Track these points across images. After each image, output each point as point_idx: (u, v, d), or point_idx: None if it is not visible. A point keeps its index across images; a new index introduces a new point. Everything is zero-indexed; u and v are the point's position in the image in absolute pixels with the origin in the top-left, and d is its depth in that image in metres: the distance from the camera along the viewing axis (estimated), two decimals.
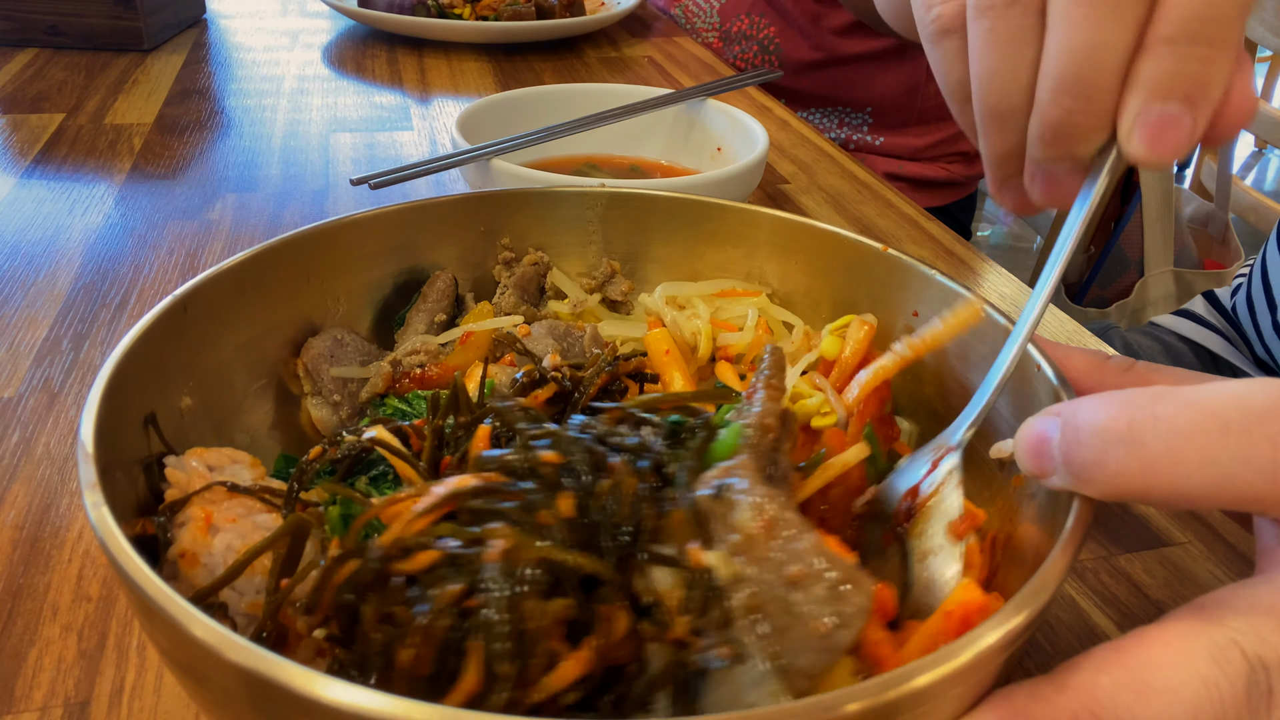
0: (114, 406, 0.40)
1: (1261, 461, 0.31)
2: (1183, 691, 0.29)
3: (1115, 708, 0.29)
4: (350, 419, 0.55)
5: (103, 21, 1.45)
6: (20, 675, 0.46)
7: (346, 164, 1.10)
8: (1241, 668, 0.30)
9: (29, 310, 0.77)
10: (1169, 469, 0.32)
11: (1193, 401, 0.32)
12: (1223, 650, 0.30)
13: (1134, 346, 1.14)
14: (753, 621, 0.33)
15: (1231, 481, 0.31)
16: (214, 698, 0.32)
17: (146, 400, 0.44)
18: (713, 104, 1.03)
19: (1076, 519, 0.35)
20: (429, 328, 0.59)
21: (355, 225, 0.58)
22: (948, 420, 0.53)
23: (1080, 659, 0.31)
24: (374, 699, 0.27)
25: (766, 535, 0.34)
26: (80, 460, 0.37)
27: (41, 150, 1.10)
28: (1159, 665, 0.30)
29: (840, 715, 0.27)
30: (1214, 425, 0.31)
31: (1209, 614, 0.31)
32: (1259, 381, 0.32)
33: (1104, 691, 0.30)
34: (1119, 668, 0.30)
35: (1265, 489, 0.31)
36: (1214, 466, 0.31)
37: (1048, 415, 0.36)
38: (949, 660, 0.29)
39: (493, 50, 1.57)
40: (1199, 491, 0.32)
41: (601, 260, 0.64)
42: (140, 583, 0.31)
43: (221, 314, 0.50)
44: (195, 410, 0.48)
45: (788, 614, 0.33)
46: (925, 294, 0.54)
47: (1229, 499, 0.32)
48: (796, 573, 0.33)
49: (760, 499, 0.35)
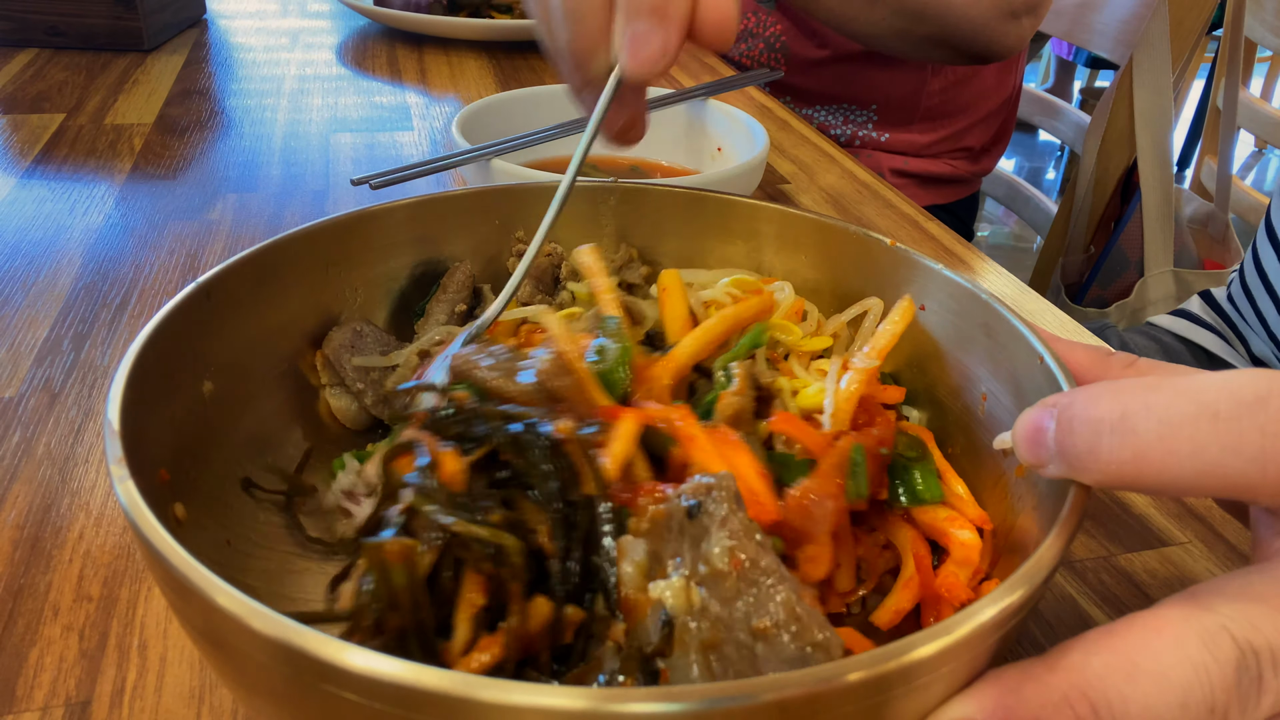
0: (139, 385, 0.41)
1: (1251, 450, 0.31)
2: (1172, 674, 0.29)
3: (1105, 688, 0.30)
4: (375, 405, 0.56)
5: (103, 22, 1.45)
6: (21, 675, 0.46)
7: (347, 164, 1.10)
8: (1232, 653, 0.30)
9: (29, 310, 0.77)
10: (1160, 457, 0.32)
11: (1184, 391, 0.32)
12: (1213, 635, 0.30)
13: (1131, 346, 1.14)
14: (708, 658, 0.33)
15: (1221, 469, 0.31)
16: (241, 669, 0.32)
17: (170, 383, 0.45)
18: (713, 104, 1.04)
19: (1071, 505, 0.36)
20: (450, 318, 0.60)
21: (373, 217, 0.58)
22: (951, 405, 0.53)
23: (1072, 641, 0.32)
24: (395, 666, 0.27)
25: (738, 577, 0.34)
26: (106, 437, 0.37)
27: (42, 150, 1.10)
28: (1149, 648, 0.30)
29: (837, 686, 0.28)
30: (1204, 414, 0.32)
31: (1201, 600, 0.32)
32: (1249, 372, 0.32)
33: (1094, 672, 0.30)
34: (1110, 650, 0.30)
35: (1255, 476, 0.31)
36: (1204, 454, 0.31)
37: (1044, 406, 0.36)
38: (945, 635, 0.29)
39: (493, 50, 1.57)
40: (1190, 479, 0.32)
41: (620, 246, 0.65)
42: (167, 554, 0.32)
43: (243, 302, 0.51)
44: (217, 395, 0.48)
45: (749, 664, 0.33)
46: (932, 289, 0.54)
47: (1220, 487, 0.32)
48: (764, 627, 0.33)
49: (737, 537, 0.35)
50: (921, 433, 0.52)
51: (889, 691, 0.29)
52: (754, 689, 0.27)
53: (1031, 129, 5.36)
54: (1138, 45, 1.54)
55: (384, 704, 0.28)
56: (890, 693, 0.29)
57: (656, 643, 0.32)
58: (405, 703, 0.28)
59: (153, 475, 0.41)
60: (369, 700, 0.28)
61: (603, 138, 0.56)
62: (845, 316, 0.58)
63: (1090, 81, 4.94)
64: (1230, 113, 1.60)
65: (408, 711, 0.28)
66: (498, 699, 0.27)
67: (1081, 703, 0.30)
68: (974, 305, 0.51)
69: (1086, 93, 4.69)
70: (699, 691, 0.27)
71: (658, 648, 0.32)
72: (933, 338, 0.55)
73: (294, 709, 0.32)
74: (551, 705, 0.27)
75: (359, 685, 0.28)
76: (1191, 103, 3.96)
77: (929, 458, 0.49)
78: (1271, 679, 0.30)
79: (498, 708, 0.27)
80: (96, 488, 0.58)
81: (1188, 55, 1.54)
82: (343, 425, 0.57)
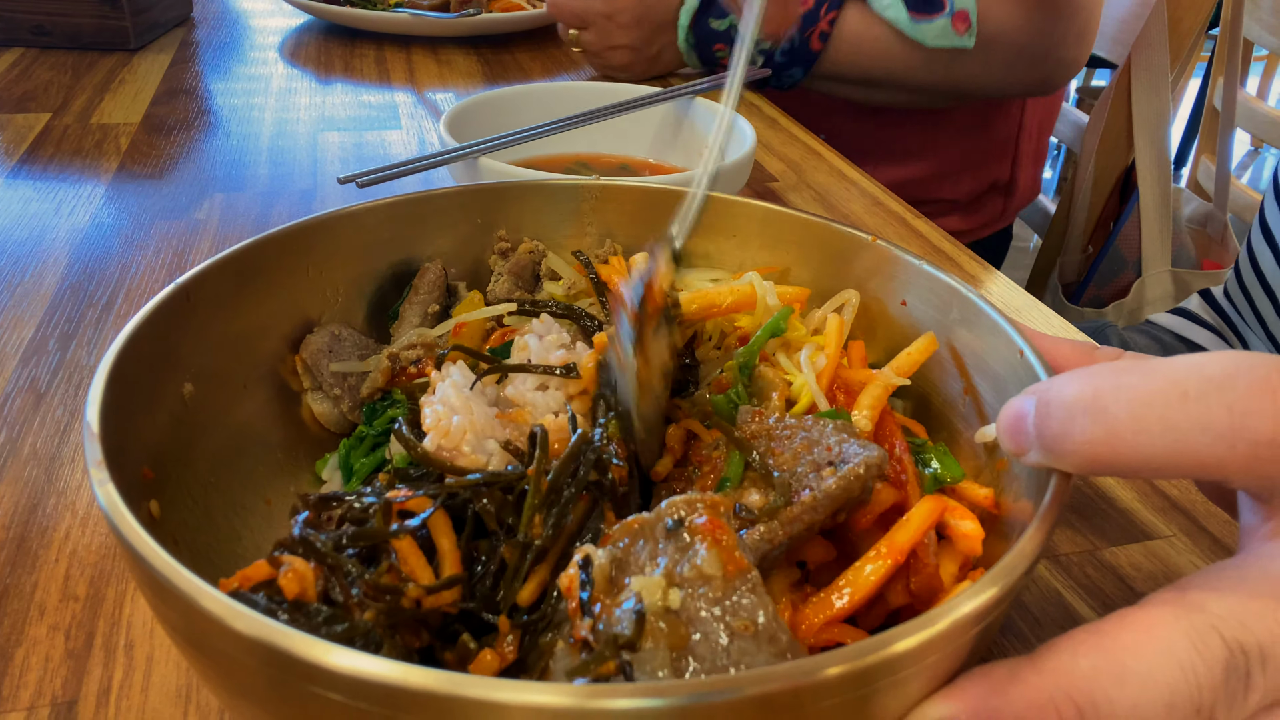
0: (118, 388, 0.41)
1: (1220, 427, 0.31)
2: (1160, 676, 0.30)
3: (1092, 690, 0.30)
4: (352, 411, 0.56)
5: (89, 21, 1.45)
6: (7, 675, 0.46)
7: (335, 163, 1.09)
8: (1220, 653, 0.30)
9: (15, 310, 0.76)
10: (1132, 436, 0.32)
11: (1154, 371, 0.33)
12: (1202, 635, 0.30)
13: (1131, 344, 1.15)
14: (675, 658, 0.33)
15: (1191, 447, 0.32)
16: (225, 671, 0.32)
17: (150, 384, 0.45)
18: (701, 102, 1.04)
19: (1053, 495, 0.36)
20: (423, 320, 0.60)
21: (354, 217, 0.58)
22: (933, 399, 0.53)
23: (1059, 641, 0.32)
24: (381, 665, 0.27)
25: (722, 583, 0.34)
26: (86, 439, 0.37)
27: (27, 150, 1.09)
28: (1137, 649, 0.30)
29: (818, 680, 0.28)
30: (1174, 392, 0.32)
31: (1190, 598, 0.32)
32: (1220, 353, 0.33)
33: (1081, 674, 0.30)
34: (1098, 651, 0.31)
35: (1225, 454, 0.32)
36: (1174, 432, 0.32)
37: (1026, 395, 0.37)
38: (926, 628, 0.29)
39: (480, 47, 1.57)
40: (1163, 458, 0.32)
41: (604, 242, 0.65)
42: (148, 557, 0.31)
43: (224, 302, 0.51)
44: (197, 397, 0.48)
45: (720, 665, 0.33)
46: (913, 284, 0.55)
47: (1192, 466, 0.32)
48: (740, 626, 0.33)
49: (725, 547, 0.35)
50: (913, 425, 0.52)
51: (871, 685, 0.29)
52: (738, 684, 0.28)
53: None
54: (1136, 45, 1.54)
55: (369, 704, 0.28)
56: (873, 686, 0.29)
57: (629, 634, 0.33)
58: (391, 702, 0.28)
59: (134, 476, 0.41)
60: (354, 700, 0.28)
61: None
62: (826, 309, 0.58)
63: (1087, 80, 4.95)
64: (1229, 112, 1.61)
65: (394, 711, 0.28)
66: (483, 696, 0.27)
67: (1067, 705, 0.30)
68: (955, 300, 0.52)
69: (1083, 91, 4.69)
70: (683, 687, 0.28)
71: (628, 639, 0.32)
72: (916, 332, 0.55)
73: (279, 711, 0.32)
74: (537, 702, 0.27)
75: (344, 686, 0.28)
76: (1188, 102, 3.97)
77: (935, 444, 0.50)
78: (1259, 677, 0.30)
79: (483, 705, 0.27)
80: (83, 488, 0.58)
81: (1186, 55, 1.55)
82: (325, 428, 0.57)
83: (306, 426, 0.57)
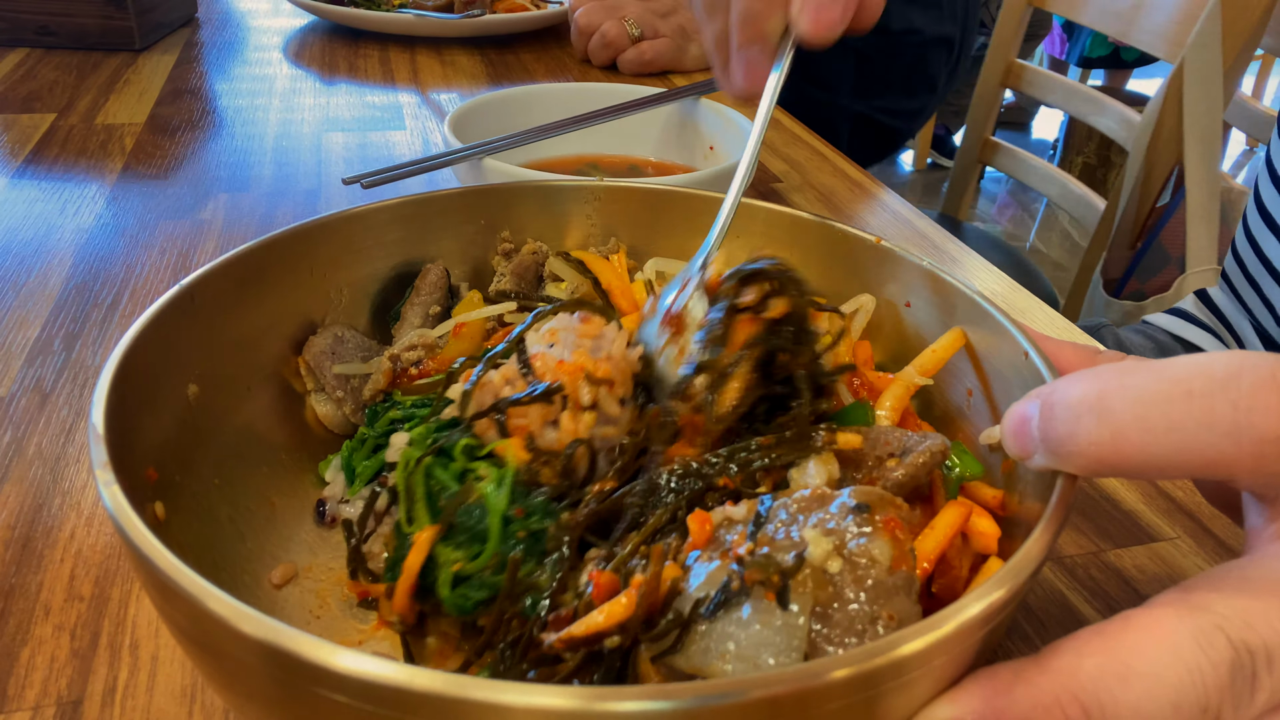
0: (123, 391, 0.41)
1: (1225, 425, 0.31)
2: (1166, 676, 0.29)
3: (1097, 690, 0.30)
4: (355, 413, 0.56)
5: (94, 21, 1.45)
6: (13, 675, 0.46)
7: (339, 164, 1.09)
8: (1226, 653, 0.30)
9: (20, 310, 0.77)
10: (1138, 435, 0.32)
11: (1159, 371, 0.33)
12: (1208, 635, 0.30)
13: (1126, 344, 1.14)
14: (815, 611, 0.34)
15: (1197, 445, 0.32)
16: (230, 673, 0.32)
17: (154, 387, 0.45)
18: (705, 103, 1.04)
19: (1059, 497, 0.36)
20: (424, 320, 0.60)
21: (359, 218, 0.58)
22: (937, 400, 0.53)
23: (1064, 641, 0.31)
24: (386, 667, 0.27)
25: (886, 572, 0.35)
26: (92, 442, 0.37)
27: (33, 150, 1.09)
28: (1142, 650, 0.30)
29: (825, 683, 0.28)
30: (1178, 391, 0.32)
31: (1195, 598, 0.32)
32: (1223, 352, 0.33)
33: (1087, 675, 0.30)
34: (1103, 651, 0.30)
35: (1230, 451, 0.31)
36: (1179, 431, 0.32)
37: (1030, 398, 0.37)
38: (932, 630, 0.29)
39: (484, 48, 1.57)
40: (1168, 457, 0.32)
41: (609, 240, 0.65)
42: (155, 559, 0.32)
43: (228, 304, 0.51)
44: (202, 399, 0.48)
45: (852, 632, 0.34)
46: (917, 285, 0.55)
47: (1197, 464, 0.32)
48: (885, 614, 0.34)
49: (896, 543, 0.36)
50: (922, 425, 0.52)
51: (878, 687, 0.29)
52: (744, 686, 0.28)
53: (1023, 127, 5.39)
54: (1190, 46, 1.54)
55: (376, 706, 0.28)
56: (879, 688, 0.29)
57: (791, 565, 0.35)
58: (397, 704, 0.28)
59: (139, 477, 0.41)
60: (361, 702, 0.28)
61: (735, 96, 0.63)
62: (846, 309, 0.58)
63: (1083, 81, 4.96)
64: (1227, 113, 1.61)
65: (400, 713, 0.28)
66: (489, 699, 0.27)
67: (1073, 705, 0.30)
68: (960, 302, 0.51)
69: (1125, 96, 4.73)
70: (689, 689, 0.28)
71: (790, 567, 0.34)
72: (919, 334, 0.55)
73: (284, 713, 0.32)
74: (542, 704, 0.27)
75: (351, 687, 0.28)
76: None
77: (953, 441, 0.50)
78: (1265, 677, 0.30)
79: (489, 707, 0.27)
80: (88, 488, 0.58)
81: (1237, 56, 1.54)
82: (329, 430, 0.57)
83: (310, 428, 0.57)
